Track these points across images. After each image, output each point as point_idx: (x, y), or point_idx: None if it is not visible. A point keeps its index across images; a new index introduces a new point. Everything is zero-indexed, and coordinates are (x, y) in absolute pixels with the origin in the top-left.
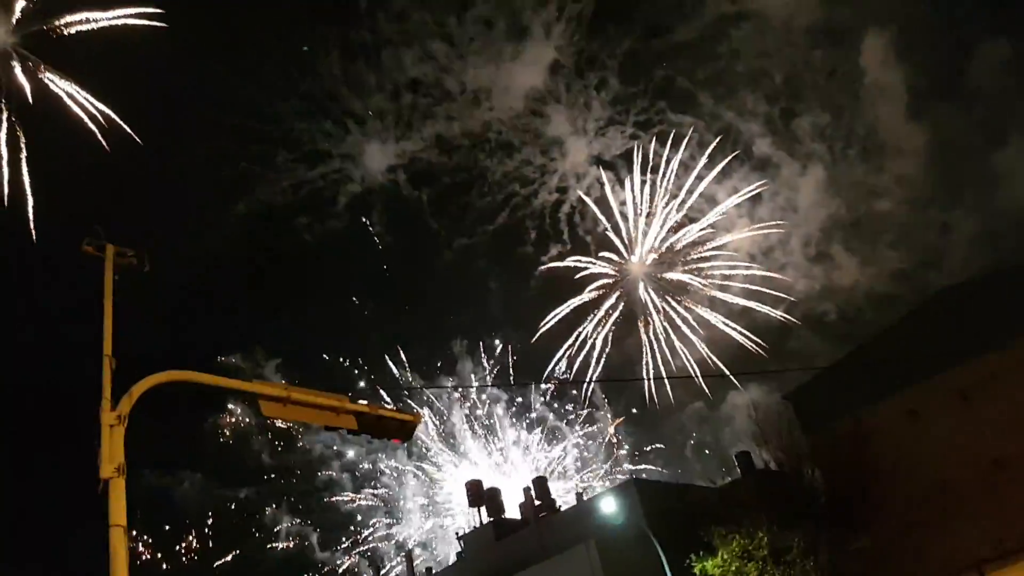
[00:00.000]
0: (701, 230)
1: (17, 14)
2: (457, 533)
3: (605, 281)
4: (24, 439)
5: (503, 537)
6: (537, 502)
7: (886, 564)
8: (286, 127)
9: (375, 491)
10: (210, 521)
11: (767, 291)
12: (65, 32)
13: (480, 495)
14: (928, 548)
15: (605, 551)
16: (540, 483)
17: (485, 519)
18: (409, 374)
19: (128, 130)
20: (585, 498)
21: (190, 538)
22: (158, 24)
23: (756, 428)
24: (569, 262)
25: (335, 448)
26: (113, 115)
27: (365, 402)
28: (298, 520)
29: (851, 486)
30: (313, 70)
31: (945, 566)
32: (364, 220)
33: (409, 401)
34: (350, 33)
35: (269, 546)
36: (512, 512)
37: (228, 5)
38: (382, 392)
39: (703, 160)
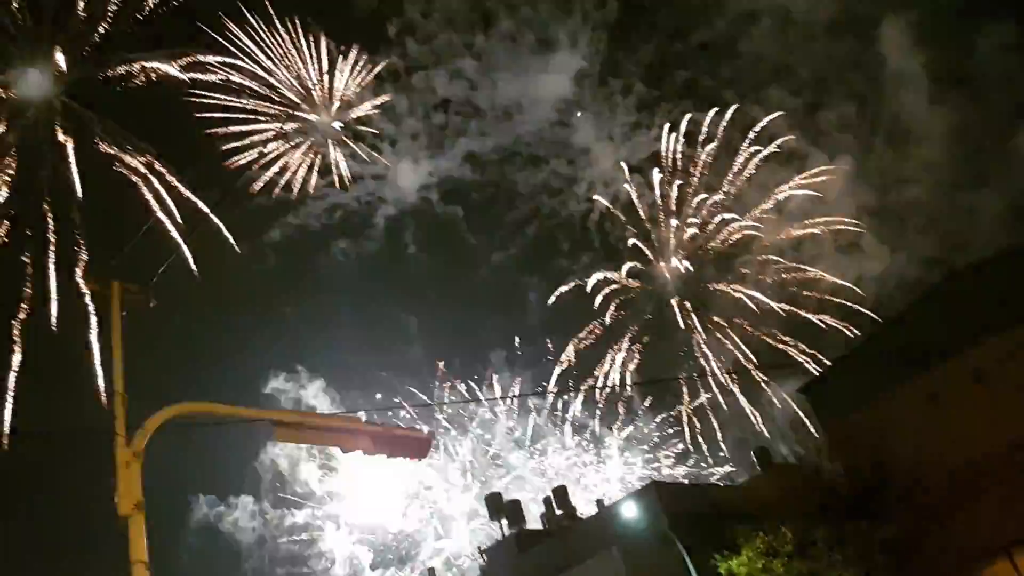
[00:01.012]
0: (745, 227)
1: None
2: (479, 547)
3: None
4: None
5: (526, 548)
6: (559, 511)
7: (913, 552)
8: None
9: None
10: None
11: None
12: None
13: (500, 507)
14: (955, 533)
15: (629, 556)
16: (561, 492)
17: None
18: (446, 390)
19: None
20: (606, 504)
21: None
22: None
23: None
24: (595, 278)
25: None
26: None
27: (379, 422)
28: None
29: (873, 475)
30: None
31: (973, 550)
32: (400, 240)
33: (441, 418)
34: (380, 59)
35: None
36: (533, 523)
37: None
38: (422, 403)
39: (751, 149)
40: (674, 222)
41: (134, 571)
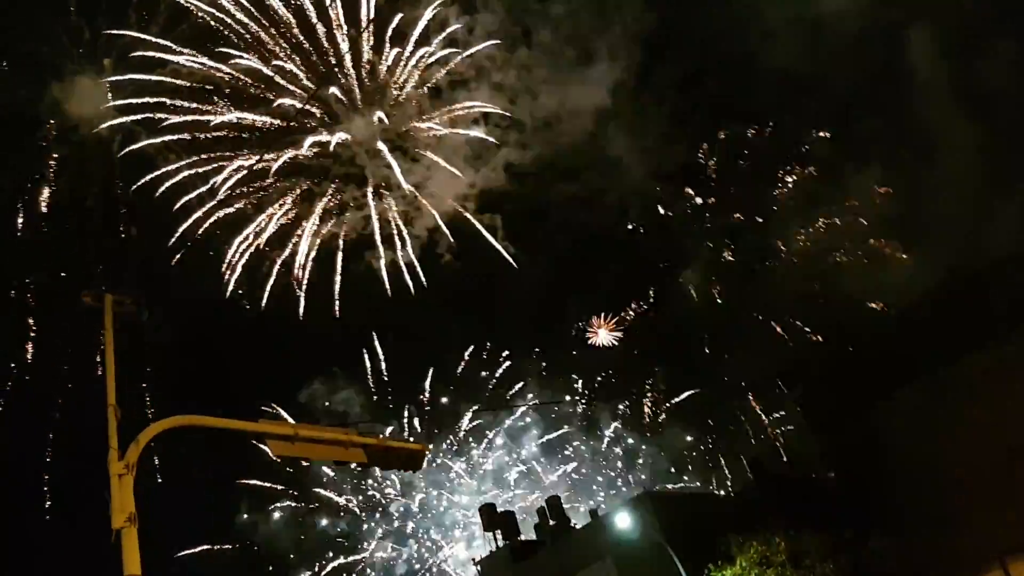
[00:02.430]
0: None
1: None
2: (473, 559)
3: None
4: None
5: (520, 559)
6: (552, 521)
7: (907, 561)
8: (359, 162)
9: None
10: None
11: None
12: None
13: (495, 519)
14: (949, 543)
15: (623, 566)
16: (554, 503)
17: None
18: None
19: None
20: (600, 514)
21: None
22: None
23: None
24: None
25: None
26: None
27: (374, 436)
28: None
29: (866, 484)
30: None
31: (967, 560)
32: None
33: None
34: (422, 74)
35: None
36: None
37: None
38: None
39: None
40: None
41: None
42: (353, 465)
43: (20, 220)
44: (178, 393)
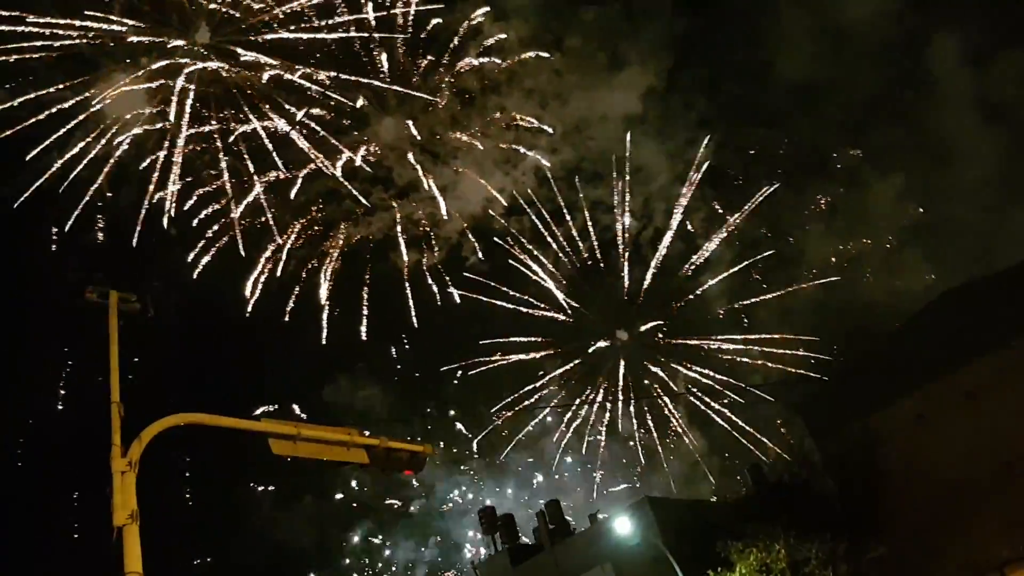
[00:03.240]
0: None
1: None
2: (472, 562)
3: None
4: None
5: (519, 563)
6: (551, 526)
7: (905, 570)
8: (386, 166)
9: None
10: None
11: None
12: None
13: (494, 522)
14: (947, 552)
15: (622, 571)
16: (553, 506)
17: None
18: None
19: None
20: (600, 519)
21: None
22: None
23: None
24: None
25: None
26: None
27: (377, 437)
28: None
29: (865, 493)
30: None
31: (965, 569)
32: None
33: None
34: (454, 80)
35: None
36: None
37: None
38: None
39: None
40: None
41: None
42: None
43: None
44: (204, 393)
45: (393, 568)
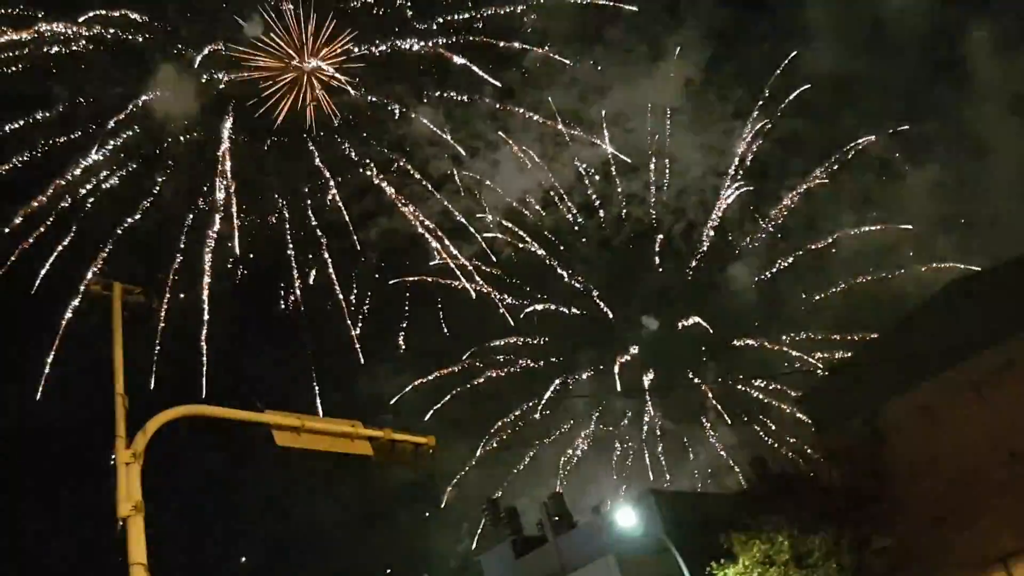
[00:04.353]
0: None
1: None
2: (475, 555)
3: None
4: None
5: (522, 555)
6: (555, 517)
7: (910, 562)
8: (421, 157)
9: None
10: None
11: None
12: None
13: (498, 513)
14: (952, 544)
15: (625, 563)
16: (557, 499)
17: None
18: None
19: None
20: (603, 510)
21: None
22: None
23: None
24: None
25: None
26: None
27: (380, 428)
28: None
29: (870, 485)
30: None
31: (970, 561)
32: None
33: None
34: (499, 76)
35: None
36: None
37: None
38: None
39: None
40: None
41: (132, 573)
42: None
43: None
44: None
45: None
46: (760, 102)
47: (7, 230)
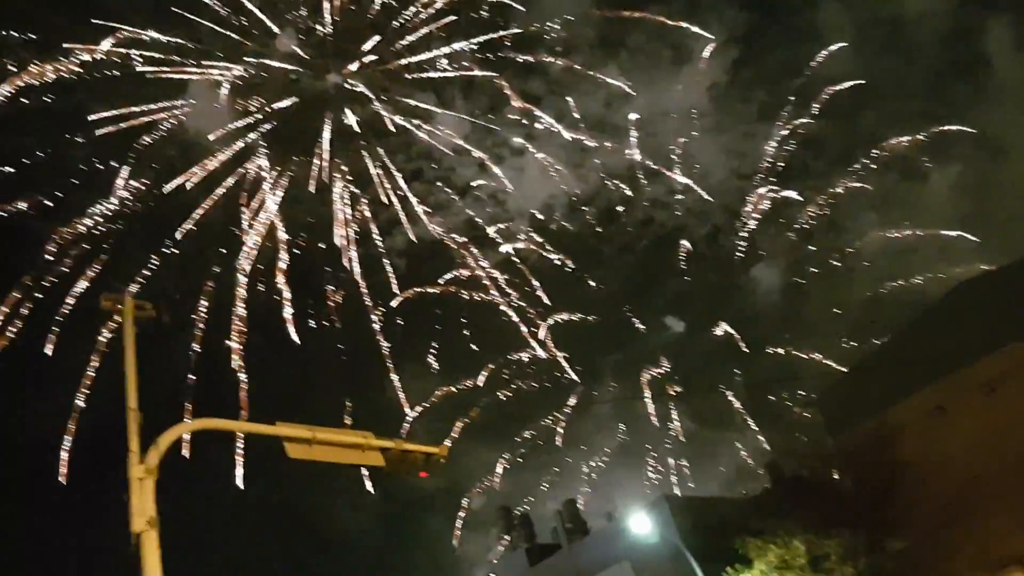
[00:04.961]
0: None
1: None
2: (490, 562)
3: None
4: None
5: (536, 563)
6: (568, 525)
7: (926, 564)
8: (446, 166)
9: None
10: None
11: None
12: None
13: (512, 520)
14: (967, 545)
15: (640, 570)
16: (570, 506)
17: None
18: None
19: None
20: (616, 517)
21: None
22: None
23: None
24: None
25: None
26: None
27: (391, 438)
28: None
29: (884, 487)
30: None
31: (985, 562)
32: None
33: None
34: (524, 86)
35: None
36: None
37: None
38: None
39: None
40: None
41: None
42: None
43: None
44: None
45: None
46: (782, 105)
47: (52, 247)
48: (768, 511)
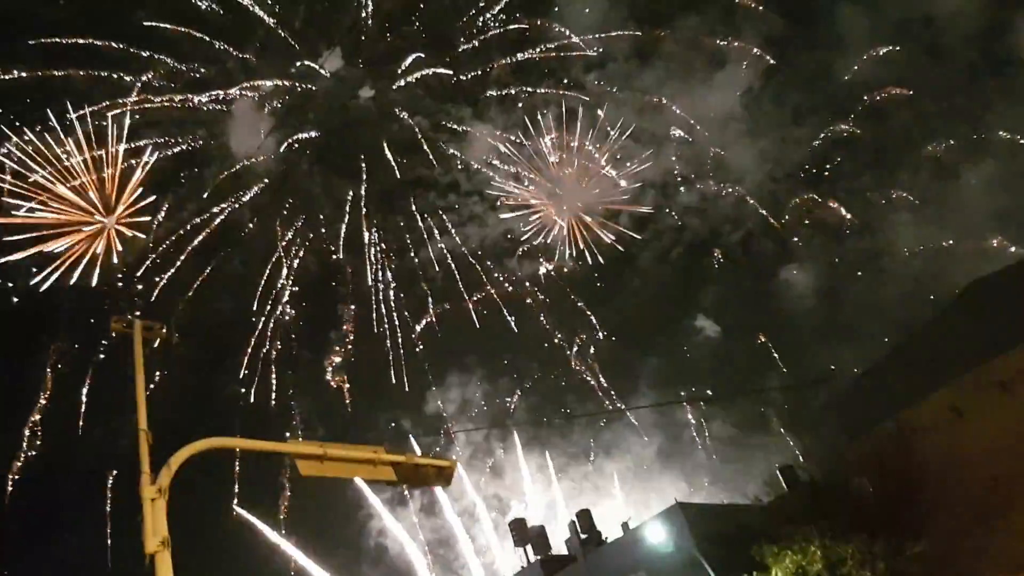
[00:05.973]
0: None
1: None
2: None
3: None
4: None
5: (551, 574)
6: (583, 535)
7: (944, 567)
8: (479, 179)
9: None
10: None
11: None
12: None
13: (525, 534)
14: (985, 547)
15: None
16: (585, 516)
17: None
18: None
19: None
20: (631, 527)
21: None
22: None
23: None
24: None
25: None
26: None
27: (402, 453)
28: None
29: (900, 490)
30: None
31: (1004, 563)
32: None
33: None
34: (563, 100)
35: None
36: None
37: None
38: None
39: None
40: None
41: None
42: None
43: None
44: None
45: None
46: (816, 109)
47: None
48: (785, 517)
